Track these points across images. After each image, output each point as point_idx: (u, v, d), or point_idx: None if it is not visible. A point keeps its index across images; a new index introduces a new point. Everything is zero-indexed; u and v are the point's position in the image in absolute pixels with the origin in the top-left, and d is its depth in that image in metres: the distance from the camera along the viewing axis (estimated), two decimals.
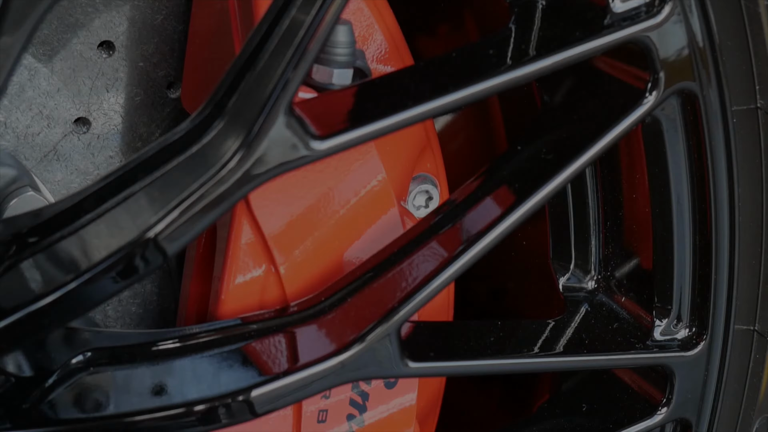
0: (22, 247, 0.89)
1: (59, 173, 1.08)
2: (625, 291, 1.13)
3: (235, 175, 0.89)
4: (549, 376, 1.23)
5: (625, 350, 1.09)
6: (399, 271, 1.00)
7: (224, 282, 1.03)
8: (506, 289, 1.33)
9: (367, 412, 1.10)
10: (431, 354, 1.01)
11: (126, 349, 0.97)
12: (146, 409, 0.95)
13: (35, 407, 0.94)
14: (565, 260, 1.15)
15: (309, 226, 1.03)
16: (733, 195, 1.05)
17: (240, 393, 0.96)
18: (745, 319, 1.11)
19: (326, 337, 0.99)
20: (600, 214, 1.13)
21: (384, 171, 1.04)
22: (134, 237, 0.88)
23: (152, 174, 0.89)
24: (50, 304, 0.88)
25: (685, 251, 1.08)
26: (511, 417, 1.28)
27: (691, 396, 1.12)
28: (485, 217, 1.00)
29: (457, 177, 1.14)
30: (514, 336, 1.06)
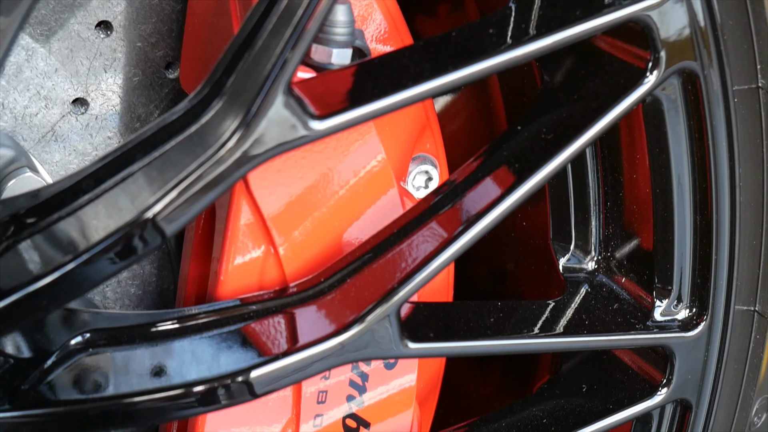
0: (20, 227, 0.89)
1: (57, 154, 1.08)
2: (626, 271, 1.12)
3: (234, 155, 0.89)
4: (549, 357, 1.23)
5: (625, 331, 1.09)
6: (398, 251, 1.00)
7: (223, 263, 1.02)
8: (506, 270, 1.33)
9: (367, 393, 1.10)
10: (431, 334, 1.01)
11: (125, 330, 0.97)
12: (145, 390, 0.95)
13: (34, 388, 0.94)
14: (565, 241, 1.15)
15: (308, 207, 1.03)
16: (734, 175, 1.05)
17: (239, 374, 0.96)
18: (745, 299, 1.11)
19: (325, 318, 0.99)
20: (600, 194, 1.13)
21: (383, 151, 1.04)
22: (132, 217, 0.88)
23: (150, 154, 0.89)
24: (48, 284, 0.88)
25: (686, 231, 1.08)
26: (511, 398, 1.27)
27: (691, 377, 1.11)
28: (485, 198, 1.00)
29: (457, 157, 1.14)
30: (514, 316, 1.06)
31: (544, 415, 1.12)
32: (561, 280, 1.14)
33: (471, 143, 1.33)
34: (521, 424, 1.12)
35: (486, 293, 1.37)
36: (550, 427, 1.11)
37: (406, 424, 1.13)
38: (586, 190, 1.13)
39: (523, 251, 1.26)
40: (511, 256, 1.30)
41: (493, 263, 1.34)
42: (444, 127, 1.18)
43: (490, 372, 1.36)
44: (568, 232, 1.15)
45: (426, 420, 1.21)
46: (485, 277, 1.37)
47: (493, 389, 1.35)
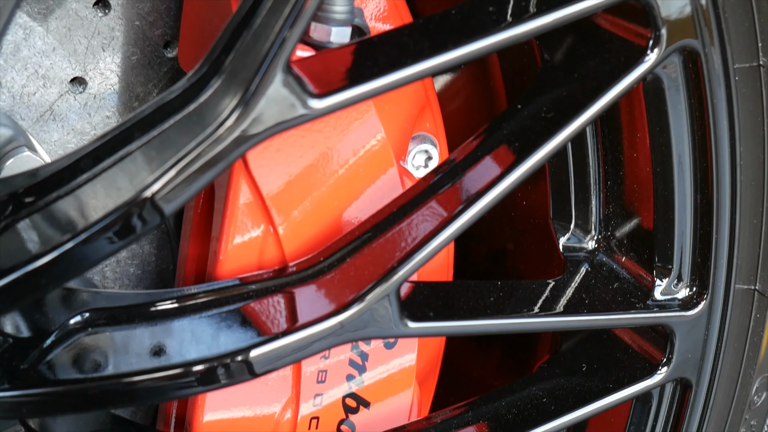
0: (19, 206, 0.89)
1: (56, 133, 1.08)
2: (626, 251, 1.12)
3: (233, 134, 0.88)
4: (549, 337, 1.23)
5: (625, 310, 1.09)
6: (398, 231, 1.00)
7: (222, 242, 1.02)
8: (506, 250, 1.32)
9: (367, 372, 1.10)
10: (431, 314, 1.01)
11: (124, 310, 0.97)
12: (145, 369, 0.95)
13: (33, 367, 0.94)
14: (566, 220, 1.15)
15: (308, 186, 1.02)
16: (735, 153, 1.04)
17: (239, 353, 0.95)
18: (745, 278, 1.11)
19: (325, 298, 0.98)
20: (600, 173, 1.13)
21: (383, 130, 1.04)
22: (131, 197, 0.87)
23: (149, 133, 0.89)
24: (47, 263, 0.88)
25: (686, 210, 1.07)
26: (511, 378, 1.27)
27: (691, 356, 1.11)
28: (485, 177, 1.00)
29: (457, 137, 1.14)
30: (514, 296, 1.06)
31: (544, 394, 1.12)
32: (561, 259, 1.14)
33: (471, 122, 1.33)
34: (521, 403, 1.12)
35: (486, 273, 1.36)
36: (550, 406, 1.11)
37: (406, 403, 1.13)
38: (587, 170, 1.13)
39: (523, 231, 1.26)
40: (511, 235, 1.29)
41: (493, 243, 1.34)
42: (444, 106, 1.18)
43: (490, 351, 1.36)
44: (568, 211, 1.15)
45: (426, 399, 1.21)
46: (485, 256, 1.37)
47: (493, 369, 1.35)
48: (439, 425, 1.11)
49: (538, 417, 1.10)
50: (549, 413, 1.10)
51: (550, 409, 1.11)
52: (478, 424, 1.11)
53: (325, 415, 1.10)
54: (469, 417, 1.11)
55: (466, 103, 1.34)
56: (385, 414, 1.12)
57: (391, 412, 1.12)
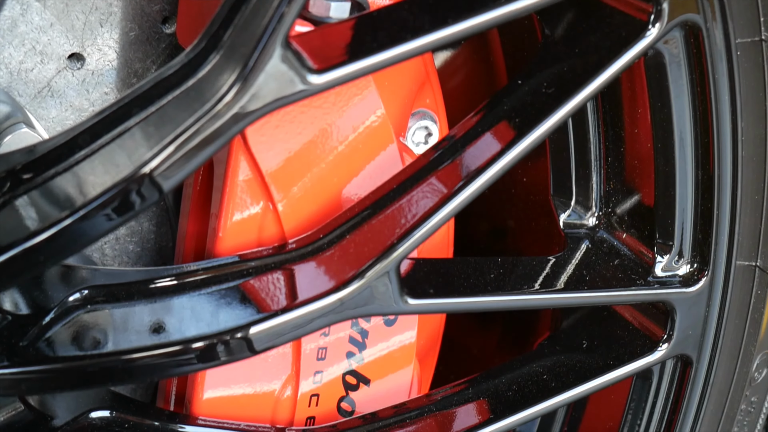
0: (17, 183, 0.88)
1: (54, 110, 1.07)
2: (627, 227, 1.12)
3: (231, 110, 0.88)
4: (549, 314, 1.22)
5: (625, 287, 1.08)
6: (398, 207, 0.99)
7: (221, 219, 1.02)
8: (506, 228, 1.32)
9: (367, 349, 1.10)
10: (431, 291, 1.01)
11: (123, 287, 0.97)
12: (144, 346, 0.95)
13: (33, 345, 0.93)
14: (566, 197, 1.15)
15: (307, 163, 1.02)
16: (737, 129, 1.04)
17: (238, 330, 0.95)
18: (746, 254, 1.10)
19: (325, 274, 0.98)
20: (601, 149, 1.12)
21: (383, 106, 1.03)
22: (129, 173, 0.87)
23: (147, 109, 0.88)
24: (45, 240, 0.87)
25: (687, 186, 1.07)
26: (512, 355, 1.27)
27: (692, 332, 1.11)
28: (485, 153, 0.99)
29: (458, 113, 1.13)
30: (515, 272, 1.05)
31: (544, 371, 1.12)
32: (562, 236, 1.14)
33: (471, 99, 1.32)
34: (521, 380, 1.12)
35: (486, 250, 1.36)
36: (550, 382, 1.11)
37: (406, 380, 1.13)
38: (587, 146, 1.12)
39: (523, 207, 1.25)
40: (512, 212, 1.29)
41: (493, 220, 1.33)
42: (444, 82, 1.17)
43: (490, 329, 1.36)
44: (568, 187, 1.14)
45: (426, 376, 1.21)
46: (485, 234, 1.36)
47: (493, 346, 1.35)
48: (440, 402, 1.11)
49: (539, 394, 1.10)
50: (549, 390, 1.10)
51: (550, 386, 1.11)
52: (479, 401, 1.11)
53: (325, 393, 1.09)
54: (469, 394, 1.11)
55: (466, 79, 1.34)
56: (386, 391, 1.12)
57: (392, 389, 1.12)
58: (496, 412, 1.09)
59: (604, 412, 1.20)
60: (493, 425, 1.08)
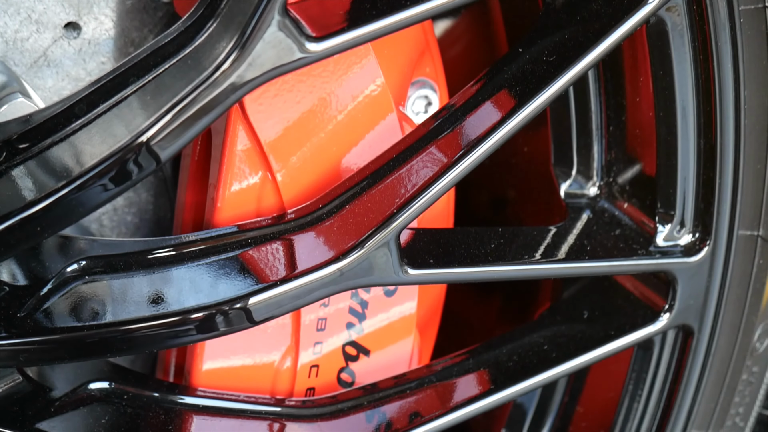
0: (13, 153, 0.88)
1: (50, 80, 1.06)
2: (628, 197, 1.11)
3: (229, 79, 0.87)
4: (550, 284, 1.22)
5: (627, 256, 1.08)
6: (397, 177, 0.99)
7: (220, 189, 1.01)
8: (507, 198, 1.32)
9: (367, 320, 1.10)
10: (431, 261, 1.00)
11: (121, 258, 0.96)
12: (143, 317, 0.95)
13: (30, 316, 0.93)
14: (567, 166, 1.14)
15: (306, 132, 1.01)
16: (739, 97, 1.03)
17: (237, 301, 0.95)
18: (749, 224, 1.10)
19: (324, 245, 0.98)
20: (603, 118, 1.11)
21: (382, 75, 1.02)
22: (126, 142, 0.86)
23: (144, 78, 0.88)
24: (42, 210, 0.87)
25: (690, 155, 1.06)
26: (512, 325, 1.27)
27: (693, 302, 1.11)
28: (485, 122, 0.98)
29: (458, 83, 1.12)
30: (515, 242, 1.05)
31: (545, 342, 1.12)
32: (563, 206, 1.13)
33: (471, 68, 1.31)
34: (522, 351, 1.11)
35: (487, 221, 1.36)
36: (551, 353, 1.11)
37: (406, 351, 1.12)
38: (589, 115, 1.12)
39: (524, 177, 1.25)
40: (512, 182, 1.28)
41: (493, 190, 1.33)
42: (444, 51, 1.16)
43: (490, 299, 1.35)
44: (569, 157, 1.14)
45: (426, 347, 1.20)
46: (486, 204, 1.36)
47: (494, 317, 1.35)
48: (440, 372, 1.10)
49: (539, 364, 1.10)
50: (550, 360, 1.10)
51: (551, 357, 1.10)
52: (479, 372, 1.10)
53: (325, 363, 1.09)
54: (469, 364, 1.11)
55: (466, 48, 1.33)
56: (386, 362, 1.11)
57: (392, 359, 1.12)
58: (496, 382, 1.09)
59: (606, 382, 1.20)
60: (493, 396, 1.08)
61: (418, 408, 1.08)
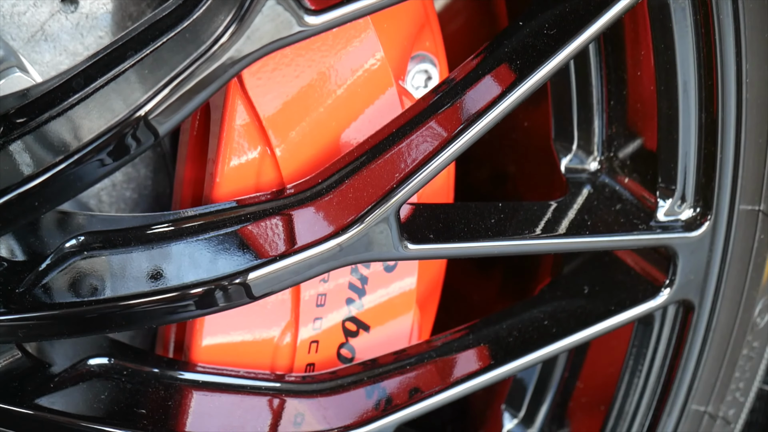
0: (10, 128, 0.87)
1: (47, 54, 1.05)
2: (629, 172, 1.11)
3: (227, 53, 0.87)
4: (550, 260, 1.22)
5: (627, 231, 1.08)
6: (397, 151, 0.98)
7: (219, 164, 1.01)
8: (507, 173, 1.31)
9: (367, 296, 1.10)
10: (431, 236, 1.00)
11: (120, 233, 0.96)
12: (142, 292, 0.94)
13: (29, 291, 0.93)
14: (568, 141, 1.13)
15: (305, 107, 1.01)
16: (741, 71, 1.02)
17: (237, 276, 0.95)
18: (750, 199, 1.09)
19: (324, 220, 0.97)
20: (603, 93, 1.11)
21: (382, 49, 1.02)
22: (124, 116, 0.86)
23: (142, 52, 0.87)
24: (40, 185, 0.87)
25: (691, 130, 1.06)
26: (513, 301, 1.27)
27: (694, 277, 1.11)
28: (485, 96, 0.98)
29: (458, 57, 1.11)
30: (516, 217, 1.04)
31: (545, 317, 1.12)
32: (563, 181, 1.13)
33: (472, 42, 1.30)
34: (522, 326, 1.11)
35: (487, 197, 1.35)
36: (551, 328, 1.10)
37: (406, 327, 1.12)
38: (589, 89, 1.11)
39: (524, 152, 1.24)
40: (512, 158, 1.28)
41: (493, 166, 1.32)
42: (444, 25, 1.15)
43: (491, 275, 1.35)
44: (570, 132, 1.13)
45: (426, 323, 1.20)
46: (486, 180, 1.35)
47: (494, 292, 1.35)
48: (440, 348, 1.10)
49: (540, 339, 1.10)
50: (550, 336, 1.10)
51: (551, 332, 1.10)
52: (479, 347, 1.10)
53: (324, 339, 1.09)
54: (469, 340, 1.11)
55: (466, 22, 1.32)
56: (386, 337, 1.11)
57: (392, 335, 1.11)
58: (496, 357, 1.09)
59: (606, 357, 1.20)
60: (493, 371, 1.08)
61: (418, 383, 1.08)
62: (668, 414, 1.17)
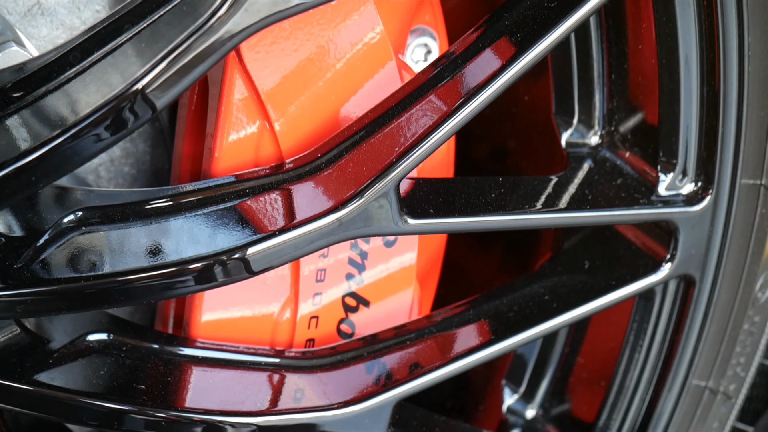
0: (7, 102, 0.87)
1: (44, 28, 1.05)
2: (630, 146, 1.10)
3: (225, 25, 0.86)
4: (550, 235, 1.21)
5: (628, 206, 1.07)
6: (397, 125, 0.98)
7: (217, 139, 1.00)
8: (507, 148, 1.30)
9: (366, 271, 1.09)
10: (430, 210, 0.99)
11: (118, 208, 0.96)
12: (141, 268, 0.94)
13: (27, 267, 0.92)
14: (568, 115, 1.13)
15: (304, 81, 1.00)
16: (743, 43, 1.02)
17: (236, 251, 0.94)
18: (751, 173, 1.09)
19: (323, 194, 0.97)
20: (604, 66, 1.10)
21: (381, 23, 1.01)
22: (121, 90, 0.86)
23: (139, 25, 0.87)
24: (37, 159, 0.86)
25: (692, 103, 1.05)
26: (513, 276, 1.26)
27: (695, 252, 1.10)
28: (485, 70, 0.97)
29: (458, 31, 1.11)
30: (516, 192, 1.04)
31: (545, 292, 1.11)
32: (564, 155, 1.12)
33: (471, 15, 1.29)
34: (522, 301, 1.11)
35: (487, 172, 1.35)
36: (551, 303, 1.10)
37: (406, 302, 1.12)
38: (590, 63, 1.10)
39: (524, 127, 1.24)
40: (513, 132, 1.27)
41: (494, 141, 1.32)
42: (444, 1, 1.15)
43: (491, 250, 1.35)
44: (571, 106, 1.13)
45: (427, 299, 1.20)
46: (486, 155, 1.35)
47: (494, 267, 1.34)
48: (440, 323, 1.10)
49: (540, 314, 1.09)
50: (551, 310, 1.10)
51: (551, 307, 1.10)
52: (479, 322, 1.10)
53: (324, 315, 1.09)
54: (470, 315, 1.11)
55: None
56: (385, 313, 1.11)
57: (392, 310, 1.11)
58: (497, 333, 1.09)
59: (606, 332, 1.20)
60: (494, 346, 1.08)
61: (418, 359, 1.08)
62: (669, 389, 1.17)
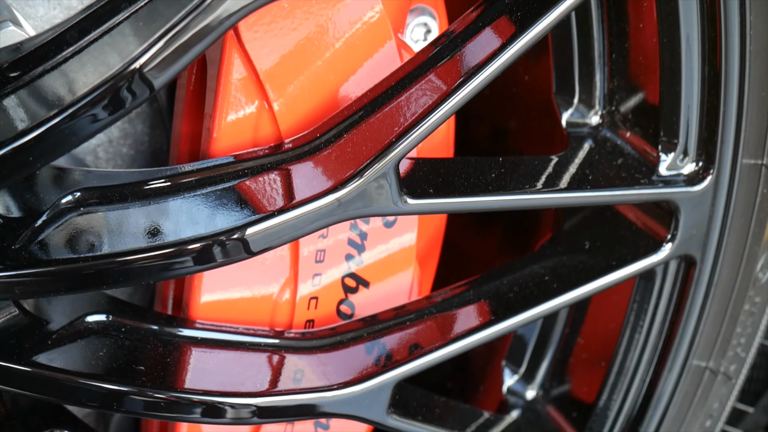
0: (3, 82, 0.86)
1: (41, 8, 1.04)
2: (631, 125, 1.10)
3: (223, 4, 0.86)
4: (551, 215, 1.21)
5: (629, 186, 1.07)
6: (396, 105, 0.97)
7: (216, 119, 1.00)
8: (507, 128, 1.30)
9: (366, 252, 1.09)
10: (430, 190, 0.99)
11: (117, 189, 0.95)
12: (139, 248, 0.94)
13: (25, 248, 0.92)
14: (569, 95, 1.12)
15: (303, 60, 1.00)
16: (745, 23, 1.01)
17: (235, 231, 0.94)
18: (753, 152, 1.08)
19: (322, 174, 0.96)
20: (605, 45, 1.09)
21: (380, 2, 1.00)
22: (119, 69, 0.85)
23: (136, 4, 0.86)
24: (34, 139, 0.86)
25: (693, 83, 1.05)
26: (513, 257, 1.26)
27: (696, 232, 1.10)
28: (485, 49, 0.97)
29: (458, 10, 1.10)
30: (516, 172, 1.03)
31: (546, 272, 1.11)
32: (564, 135, 1.12)
33: None
34: (523, 282, 1.11)
35: (487, 152, 1.34)
36: (552, 284, 1.10)
37: (406, 283, 1.12)
38: (591, 42, 1.10)
39: (525, 107, 1.23)
40: (513, 112, 1.27)
41: (494, 121, 1.31)
42: None
43: (491, 230, 1.34)
44: (571, 85, 1.12)
45: (427, 279, 1.20)
46: (486, 135, 1.34)
47: (494, 248, 1.34)
48: (440, 304, 1.10)
49: (540, 295, 1.09)
50: (551, 291, 1.09)
51: (552, 287, 1.10)
52: (480, 303, 1.10)
53: (324, 295, 1.09)
54: (470, 295, 1.10)
55: None
56: (385, 293, 1.11)
57: (391, 291, 1.11)
58: (497, 313, 1.09)
59: (607, 313, 1.19)
60: (494, 327, 1.07)
61: (418, 339, 1.08)
62: (669, 370, 1.17)
